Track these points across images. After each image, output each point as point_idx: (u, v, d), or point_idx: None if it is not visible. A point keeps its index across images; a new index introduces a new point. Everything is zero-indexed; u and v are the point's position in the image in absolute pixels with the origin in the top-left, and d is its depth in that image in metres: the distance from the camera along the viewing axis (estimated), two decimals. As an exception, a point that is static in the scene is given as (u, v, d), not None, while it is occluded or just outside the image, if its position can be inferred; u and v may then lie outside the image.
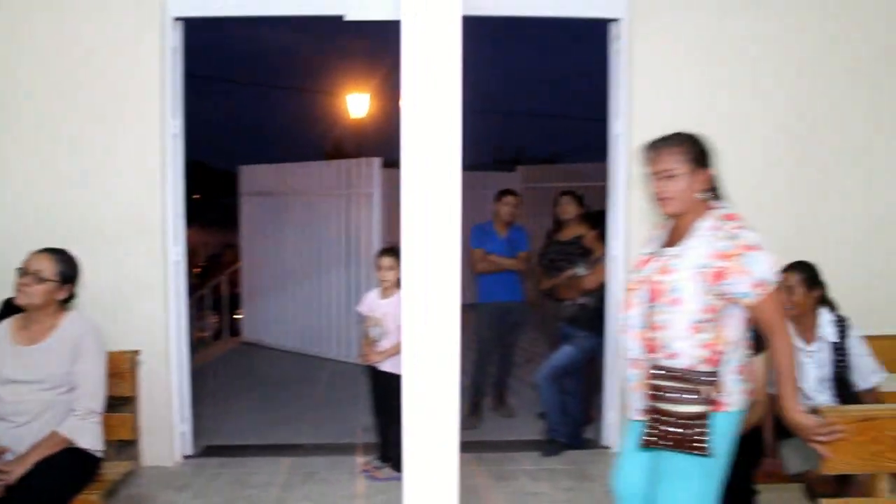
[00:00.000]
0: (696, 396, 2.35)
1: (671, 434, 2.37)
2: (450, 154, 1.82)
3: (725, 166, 4.64)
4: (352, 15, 4.61)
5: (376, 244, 7.38)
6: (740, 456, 3.26)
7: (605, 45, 4.84)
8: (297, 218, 8.49)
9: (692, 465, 2.41)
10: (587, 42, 4.98)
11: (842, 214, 4.68)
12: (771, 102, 4.65)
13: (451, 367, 1.84)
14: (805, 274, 3.50)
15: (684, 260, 2.43)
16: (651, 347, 2.46)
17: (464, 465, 4.60)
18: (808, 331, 3.49)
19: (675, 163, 2.48)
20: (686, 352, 2.40)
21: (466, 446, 4.92)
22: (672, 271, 2.44)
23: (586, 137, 5.11)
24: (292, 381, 7.15)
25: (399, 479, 4.20)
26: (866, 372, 3.50)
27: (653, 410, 2.41)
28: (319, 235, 8.24)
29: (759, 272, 2.37)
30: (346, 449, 4.94)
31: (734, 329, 2.45)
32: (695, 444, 2.36)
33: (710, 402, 2.36)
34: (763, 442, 3.44)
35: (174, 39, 4.49)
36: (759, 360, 3.38)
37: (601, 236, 5.02)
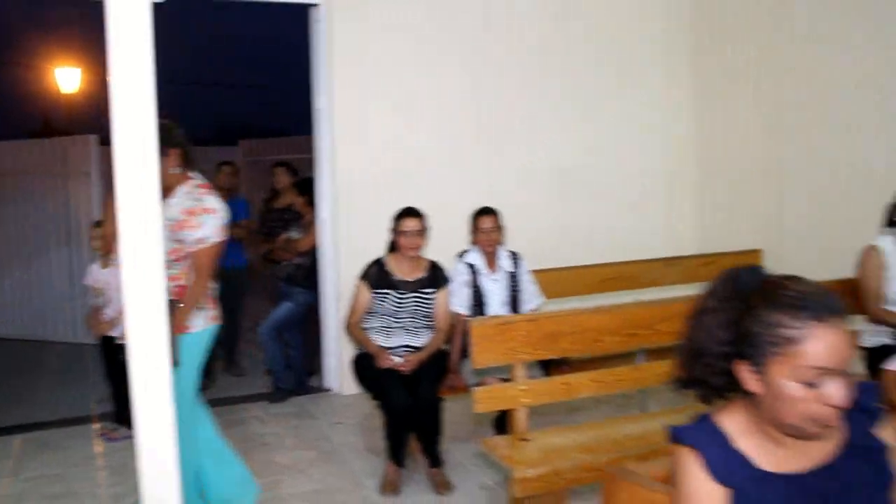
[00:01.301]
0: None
1: None
2: (147, 128, 2.23)
3: (420, 132, 5.39)
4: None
5: (98, 223, 7.28)
6: (429, 373, 3.97)
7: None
8: (9, 199, 8.05)
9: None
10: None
11: (529, 168, 5.65)
12: (454, 76, 5.47)
13: (160, 330, 2.31)
14: (498, 216, 4.26)
15: (164, 214, 3.10)
16: None
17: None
18: (492, 263, 4.28)
19: None
20: None
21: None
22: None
23: (309, 111, 5.59)
24: (18, 367, 6.94)
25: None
26: (531, 296, 4.37)
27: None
28: (37, 217, 7.92)
29: (205, 230, 3.16)
30: (82, 420, 5.06)
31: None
32: None
33: (179, 324, 3.10)
34: (447, 361, 4.14)
35: None
36: (442, 295, 4.11)
37: (311, 202, 5.52)
